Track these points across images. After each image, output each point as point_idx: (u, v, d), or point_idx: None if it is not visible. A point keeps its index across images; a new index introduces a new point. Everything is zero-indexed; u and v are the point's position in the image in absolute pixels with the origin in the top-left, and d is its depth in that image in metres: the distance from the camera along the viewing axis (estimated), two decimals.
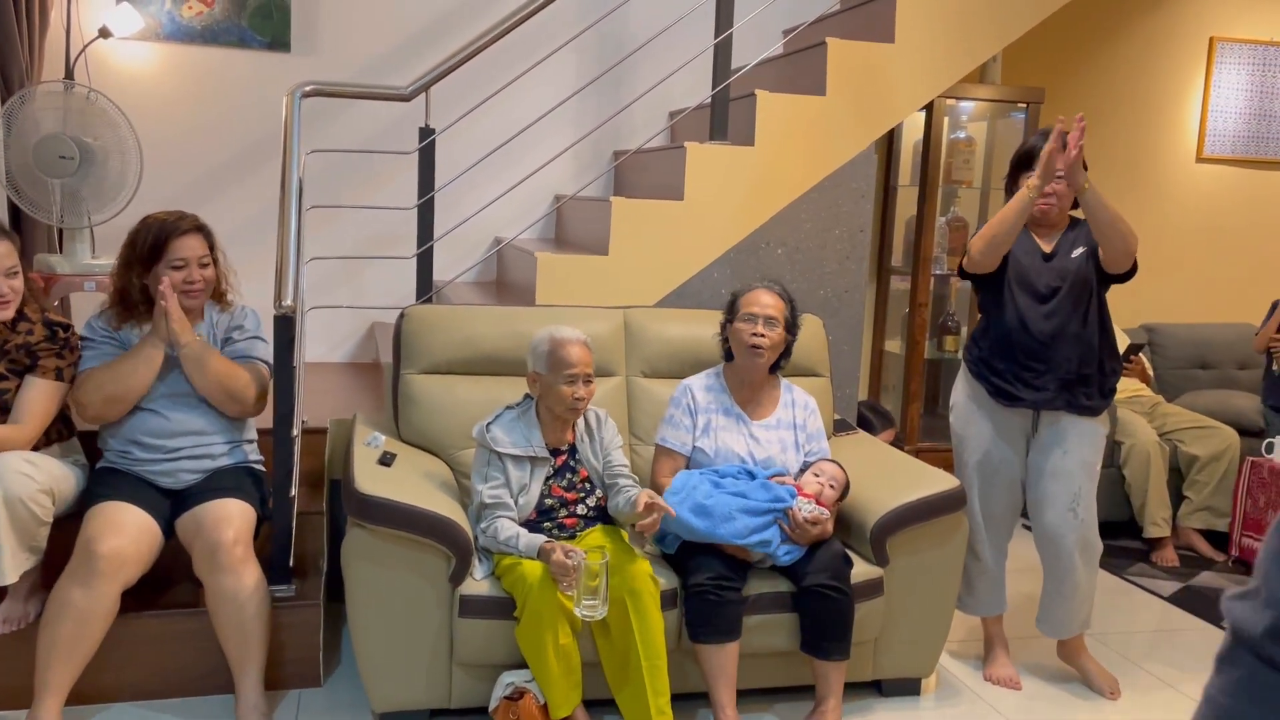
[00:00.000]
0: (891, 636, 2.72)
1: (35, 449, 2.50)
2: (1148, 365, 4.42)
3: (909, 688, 2.79)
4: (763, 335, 2.68)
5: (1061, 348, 2.70)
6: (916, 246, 4.42)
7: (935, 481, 2.69)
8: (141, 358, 2.53)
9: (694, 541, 2.56)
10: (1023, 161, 2.79)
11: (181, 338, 2.54)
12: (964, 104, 4.51)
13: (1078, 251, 2.74)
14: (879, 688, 2.79)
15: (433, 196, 3.23)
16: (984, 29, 3.57)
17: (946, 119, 4.41)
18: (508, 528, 2.46)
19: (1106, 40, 4.92)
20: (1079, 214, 2.78)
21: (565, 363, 2.51)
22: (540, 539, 2.42)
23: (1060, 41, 4.85)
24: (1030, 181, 2.63)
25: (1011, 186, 2.83)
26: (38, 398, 2.47)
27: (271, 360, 2.66)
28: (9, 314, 2.44)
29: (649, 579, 2.42)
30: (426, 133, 3.22)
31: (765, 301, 2.72)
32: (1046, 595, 2.85)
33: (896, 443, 4.22)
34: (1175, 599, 3.55)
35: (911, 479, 2.71)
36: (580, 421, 2.66)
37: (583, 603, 2.29)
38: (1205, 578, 3.77)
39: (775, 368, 2.81)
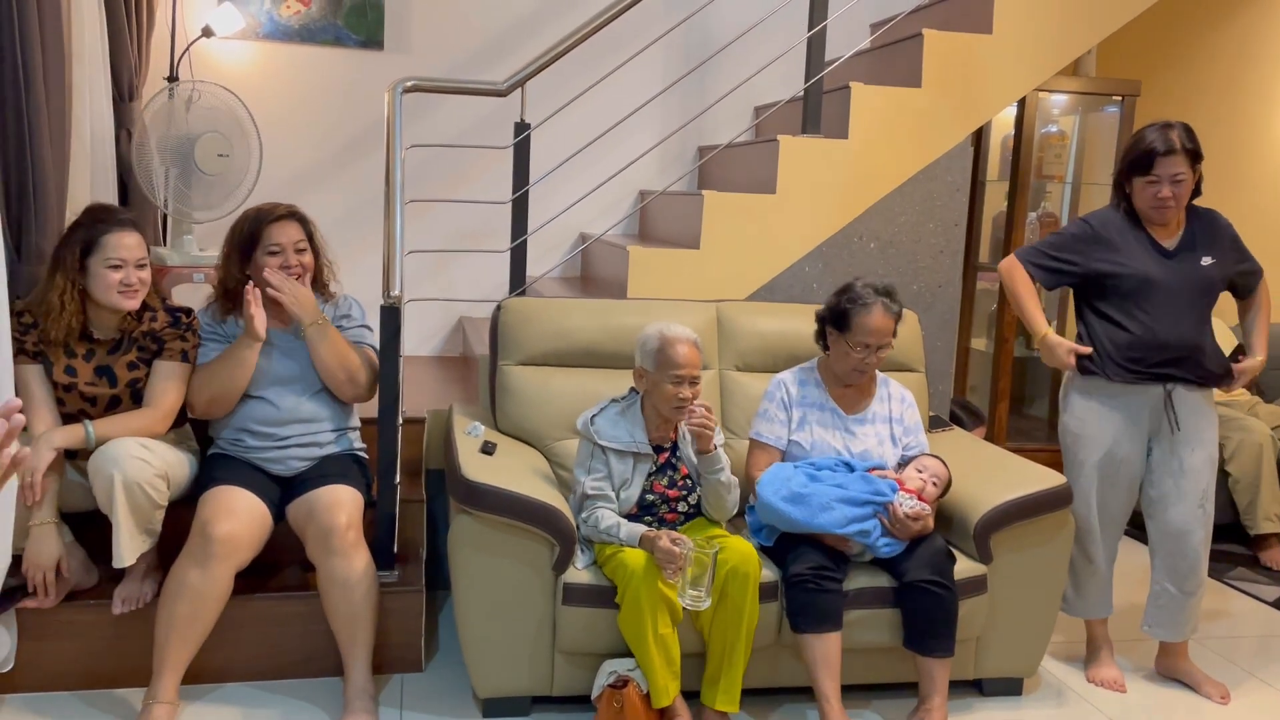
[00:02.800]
0: (994, 635, 2.68)
1: None
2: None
3: (1011, 687, 2.75)
4: (872, 362, 2.67)
5: (1174, 351, 2.67)
6: (1006, 242, 4.35)
7: (1040, 479, 2.64)
8: (235, 360, 2.59)
9: (792, 533, 2.55)
10: (1138, 164, 2.66)
11: (306, 317, 2.61)
12: (1056, 97, 4.42)
13: (1208, 261, 2.68)
14: (980, 687, 2.75)
15: (527, 191, 3.26)
16: (1083, 20, 3.50)
17: (1038, 112, 4.33)
18: (608, 517, 2.48)
19: (1204, 33, 4.79)
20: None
21: (673, 362, 2.50)
22: (641, 528, 2.43)
23: (1157, 34, 4.74)
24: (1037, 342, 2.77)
25: (1121, 185, 2.74)
26: (167, 380, 2.55)
27: (378, 348, 2.71)
28: (137, 304, 2.52)
29: (754, 563, 2.41)
30: (522, 127, 3.25)
31: (880, 328, 2.63)
32: (1164, 596, 2.78)
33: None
34: None
35: (1016, 476, 2.67)
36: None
37: (688, 593, 2.29)
38: None
39: None
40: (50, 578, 2.38)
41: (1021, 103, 4.25)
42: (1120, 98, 4.32)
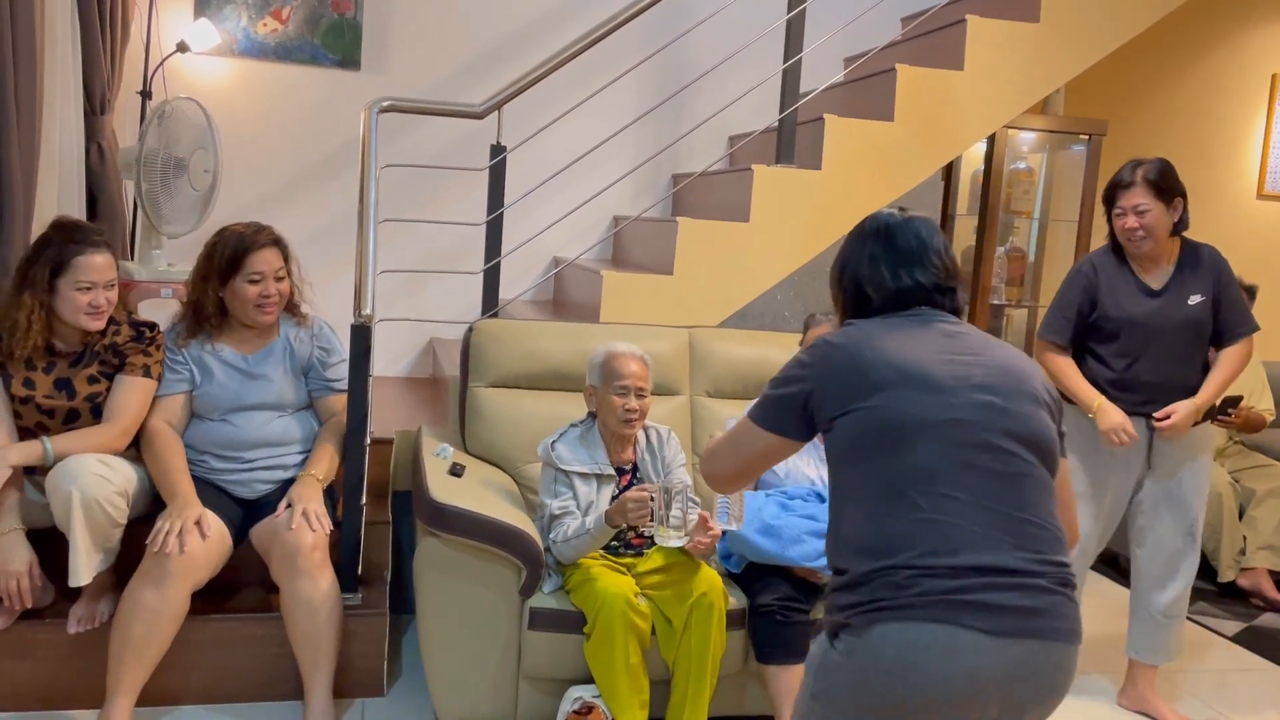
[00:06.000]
0: None
1: None
2: (1257, 413, 3.99)
3: None
4: None
5: (1162, 390, 2.71)
6: (975, 276, 4.40)
7: None
8: (164, 491, 2.48)
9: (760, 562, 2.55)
10: (1106, 197, 2.75)
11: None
12: (1025, 134, 4.50)
13: (1195, 300, 2.69)
14: None
15: (502, 213, 3.26)
16: (1052, 60, 3.57)
17: (1007, 148, 4.40)
18: (574, 524, 2.47)
19: (1170, 74, 4.90)
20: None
21: (617, 374, 2.53)
22: (604, 509, 2.42)
23: (1124, 74, 4.84)
24: None
25: (1110, 216, 2.77)
26: (128, 396, 2.51)
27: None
28: (103, 324, 2.48)
29: (719, 593, 2.40)
30: (498, 150, 3.25)
31: None
32: (1147, 621, 2.84)
33: None
34: (1239, 639, 3.48)
35: None
36: (642, 438, 2.66)
37: (670, 533, 2.26)
38: (1268, 618, 3.70)
39: None
40: (24, 584, 2.32)
41: (991, 139, 4.32)
42: (1087, 136, 4.40)
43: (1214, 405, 2.73)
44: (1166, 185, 2.66)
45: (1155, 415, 2.70)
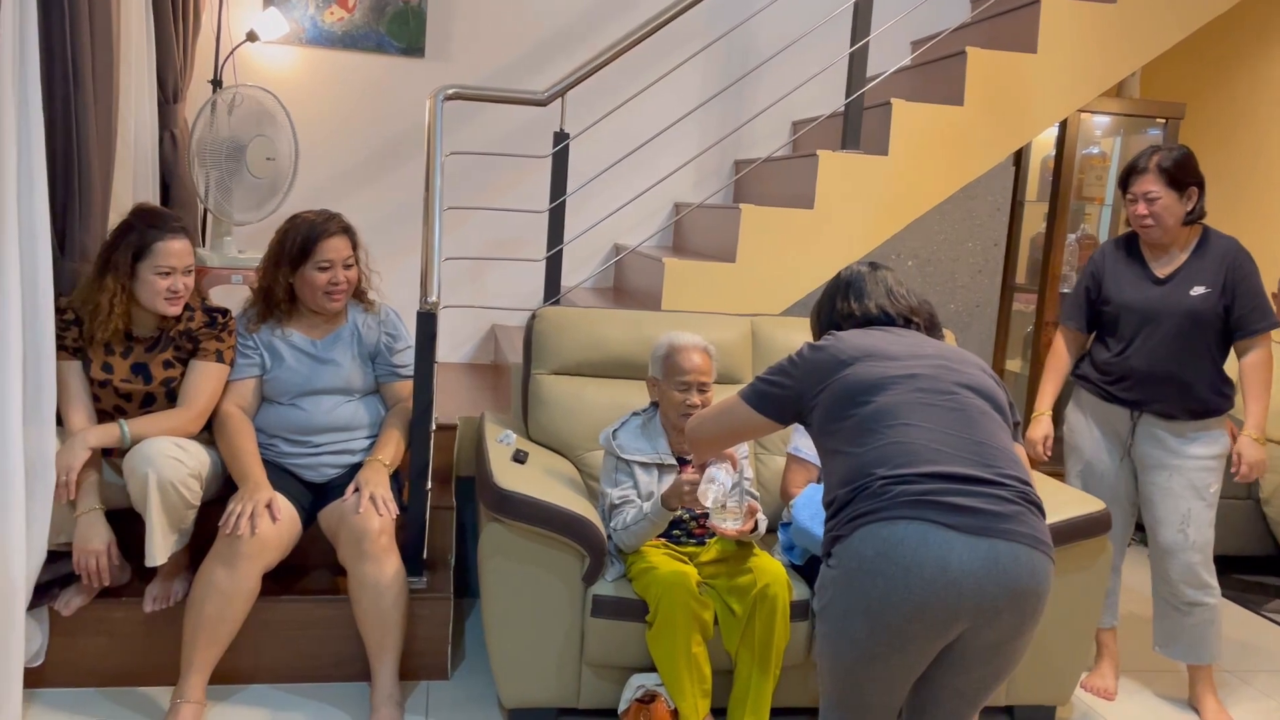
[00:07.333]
0: (1027, 661, 2.63)
1: None
2: None
3: (1043, 715, 2.70)
4: None
5: (1159, 383, 2.69)
6: (1044, 264, 4.31)
7: (1078, 503, 2.60)
8: (235, 474, 2.53)
9: None
10: (1121, 182, 2.73)
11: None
12: (1098, 118, 4.37)
13: (1198, 291, 2.64)
14: (1010, 714, 2.71)
15: (564, 200, 3.26)
16: (1128, 42, 3.46)
17: (1080, 133, 4.29)
18: (633, 511, 2.46)
19: (1251, 55, 4.72)
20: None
21: (679, 369, 2.51)
22: (661, 493, 2.41)
23: (1203, 54, 4.68)
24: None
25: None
26: (201, 380, 2.56)
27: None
28: (180, 309, 2.53)
29: (783, 584, 2.39)
30: (561, 137, 3.25)
31: None
32: (1164, 615, 2.80)
33: None
34: None
35: (1053, 500, 2.63)
36: None
37: (726, 515, 2.26)
38: None
39: None
40: (103, 562, 2.39)
41: (1063, 123, 4.21)
42: (1164, 120, 4.27)
43: None
44: (1181, 174, 2.61)
45: (1233, 470, 2.70)
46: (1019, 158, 4.45)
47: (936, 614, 1.61)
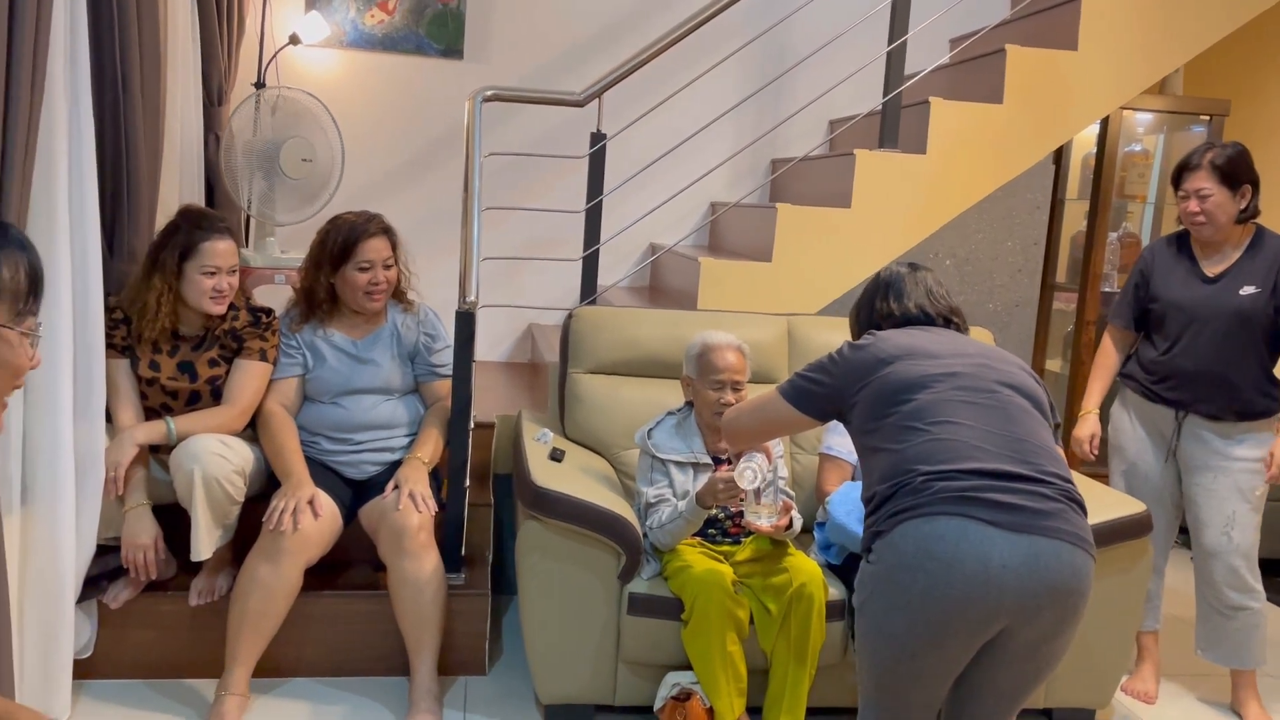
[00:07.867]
0: (1067, 664, 2.61)
1: None
2: None
3: (1082, 718, 2.68)
4: None
5: (1205, 384, 2.66)
6: (1085, 263, 4.26)
7: (1118, 505, 2.58)
8: (278, 471, 2.57)
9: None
10: (1173, 179, 2.69)
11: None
12: (1141, 115, 4.32)
13: (1248, 290, 2.60)
14: (1050, 716, 2.69)
15: (601, 200, 3.28)
16: (1171, 38, 3.42)
17: (1121, 130, 4.24)
18: (668, 510, 2.48)
19: None
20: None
21: (713, 367, 2.52)
22: (696, 492, 2.42)
23: (1249, 49, 4.60)
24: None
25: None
26: (246, 379, 2.61)
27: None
28: (224, 308, 2.58)
29: (819, 584, 2.39)
30: (598, 138, 3.27)
31: None
32: (1206, 618, 2.78)
33: None
34: None
35: (1093, 502, 2.61)
36: None
37: (762, 512, 2.28)
38: None
39: None
40: (150, 556, 2.44)
41: (1104, 120, 4.16)
42: (1208, 117, 4.21)
43: None
44: (1234, 171, 2.57)
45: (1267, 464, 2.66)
46: (1059, 155, 4.41)
47: (977, 610, 1.61)
